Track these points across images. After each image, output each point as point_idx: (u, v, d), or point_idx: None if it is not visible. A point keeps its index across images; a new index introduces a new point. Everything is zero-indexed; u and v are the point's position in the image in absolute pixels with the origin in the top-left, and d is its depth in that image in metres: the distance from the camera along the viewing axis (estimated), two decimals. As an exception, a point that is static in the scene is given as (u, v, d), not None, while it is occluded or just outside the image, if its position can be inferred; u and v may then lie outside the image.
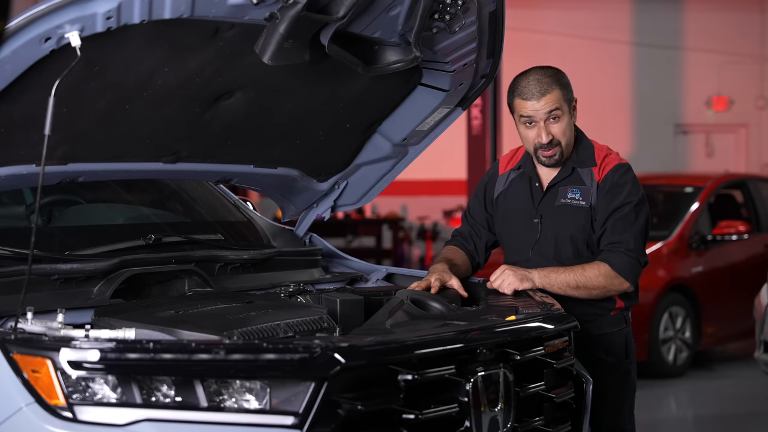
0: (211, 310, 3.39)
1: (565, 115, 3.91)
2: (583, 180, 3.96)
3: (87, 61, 3.05)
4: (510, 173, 4.14)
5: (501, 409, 3.23)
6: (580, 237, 3.94)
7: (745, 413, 8.22)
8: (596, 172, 3.96)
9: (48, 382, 2.83)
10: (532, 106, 3.88)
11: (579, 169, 3.98)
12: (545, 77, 3.89)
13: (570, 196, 3.96)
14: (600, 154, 4.00)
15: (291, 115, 3.91)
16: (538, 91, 3.86)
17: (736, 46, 17.72)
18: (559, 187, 4.00)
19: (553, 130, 3.91)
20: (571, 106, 3.93)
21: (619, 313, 4.03)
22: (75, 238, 3.90)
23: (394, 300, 3.62)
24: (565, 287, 3.83)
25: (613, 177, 3.93)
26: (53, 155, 3.46)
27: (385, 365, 3.01)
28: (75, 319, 3.33)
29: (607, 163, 3.96)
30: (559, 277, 3.84)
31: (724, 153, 18.14)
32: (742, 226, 9.94)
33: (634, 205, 3.90)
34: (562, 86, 3.90)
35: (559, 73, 3.94)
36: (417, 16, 3.44)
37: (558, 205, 3.98)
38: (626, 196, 3.90)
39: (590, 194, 3.94)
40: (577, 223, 3.94)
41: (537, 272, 3.85)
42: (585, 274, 3.84)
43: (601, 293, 3.88)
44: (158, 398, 2.86)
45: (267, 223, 4.67)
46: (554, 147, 3.92)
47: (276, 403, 2.88)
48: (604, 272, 3.84)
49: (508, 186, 4.13)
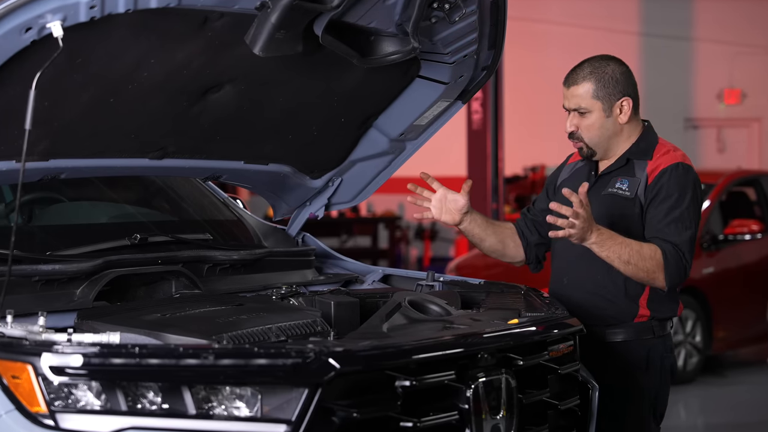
0: (200, 313, 3.36)
1: (596, 112, 3.92)
2: (635, 172, 3.96)
3: (69, 52, 3.03)
4: (577, 163, 4.17)
5: (503, 416, 3.20)
6: (619, 226, 3.88)
7: (758, 421, 8.19)
8: (650, 165, 3.93)
9: (29, 389, 2.80)
10: (564, 92, 3.97)
11: (634, 161, 3.98)
12: (585, 67, 3.94)
13: (617, 186, 3.96)
14: (661, 150, 3.97)
15: (283, 108, 3.91)
16: (570, 79, 3.95)
17: (748, 36, 17.69)
18: (610, 177, 4.00)
19: (578, 122, 3.95)
20: (610, 103, 3.91)
21: (645, 323, 3.94)
22: (57, 238, 3.87)
23: (391, 302, 3.59)
24: (616, 258, 3.77)
25: (669, 176, 3.88)
26: (34, 151, 3.43)
27: (381, 371, 2.98)
28: (57, 322, 3.29)
29: (663, 160, 3.92)
30: (615, 245, 3.77)
31: (737, 148, 18.13)
32: (755, 225, 9.86)
33: (687, 206, 3.84)
34: (598, 80, 3.90)
35: (606, 65, 3.93)
36: (415, 5, 3.42)
37: (604, 194, 3.98)
38: (678, 198, 3.84)
39: (638, 185, 3.92)
40: (617, 213, 3.92)
41: (596, 232, 3.75)
42: (641, 252, 3.78)
43: (646, 278, 3.82)
44: (144, 405, 2.83)
45: (258, 222, 4.65)
46: (577, 140, 3.98)
47: (267, 411, 2.85)
48: (658, 258, 3.79)
49: (570, 174, 4.17)
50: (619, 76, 3.91)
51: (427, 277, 4.07)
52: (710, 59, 17.67)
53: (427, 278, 4.06)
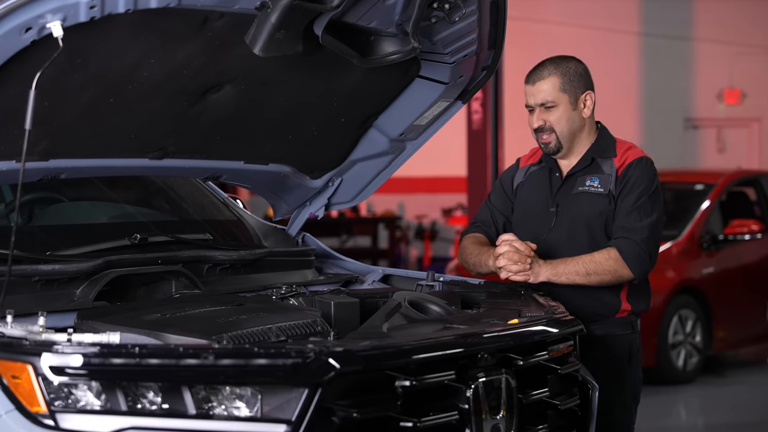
0: (200, 313, 3.35)
1: (563, 104, 3.98)
2: (603, 169, 4.02)
3: (69, 52, 3.03)
4: (530, 167, 4.20)
5: (503, 416, 3.20)
6: (597, 223, 3.97)
7: (759, 421, 8.16)
8: (616, 161, 4.01)
9: (29, 389, 2.79)
10: (528, 90, 4.01)
11: (599, 159, 4.04)
12: (548, 65, 4.00)
13: (588, 184, 4.02)
14: (622, 147, 4.07)
15: (283, 108, 3.90)
16: (534, 76, 3.99)
17: (749, 36, 17.62)
18: (578, 177, 4.05)
19: (546, 116, 3.99)
20: (576, 96, 4.00)
21: (625, 317, 4.03)
22: (57, 238, 3.86)
23: (391, 302, 3.58)
24: (575, 276, 3.86)
25: (636, 168, 3.97)
26: (34, 151, 3.42)
27: (381, 371, 2.97)
28: (57, 322, 3.28)
29: (629, 155, 4.02)
30: (567, 266, 3.86)
31: (737, 148, 18.06)
32: (755, 225, 9.83)
33: (649, 195, 3.94)
34: (563, 75, 3.98)
35: (568, 62, 4.03)
36: (415, 5, 3.42)
37: (575, 193, 4.03)
38: (644, 189, 3.95)
39: (609, 181, 3.99)
40: (593, 210, 3.98)
41: (545, 265, 3.86)
42: (594, 259, 3.87)
43: (613, 279, 3.89)
44: (144, 405, 2.82)
45: (258, 222, 4.64)
46: (548, 133, 4.00)
47: (267, 411, 2.84)
48: (614, 256, 3.87)
49: (526, 178, 4.18)
50: (581, 71, 4.02)
51: (427, 277, 4.06)
52: (710, 59, 17.62)
53: (427, 278, 4.05)
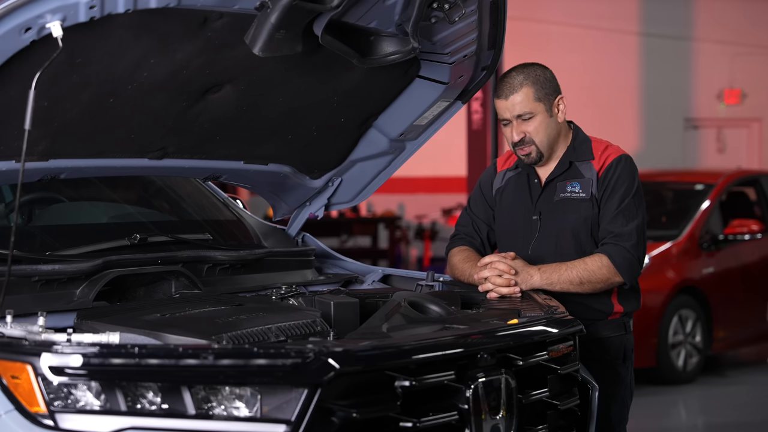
0: (199, 313, 3.35)
1: (540, 114, 3.93)
2: (582, 173, 3.98)
3: (69, 52, 3.03)
4: (506, 172, 4.16)
5: (503, 416, 3.18)
6: (582, 230, 3.94)
7: (759, 421, 8.13)
8: (595, 164, 3.97)
9: (28, 389, 2.79)
10: (501, 105, 3.95)
11: (577, 164, 4.00)
12: (516, 75, 3.93)
13: (569, 190, 3.97)
14: (599, 147, 4.02)
15: (283, 109, 3.89)
16: (506, 89, 3.93)
17: (749, 36, 17.60)
18: (557, 183, 4.01)
19: (525, 128, 3.94)
20: (550, 103, 3.95)
21: (618, 319, 4.02)
22: (56, 238, 3.86)
23: (391, 302, 3.57)
24: (568, 284, 3.84)
25: (616, 168, 3.93)
26: (34, 151, 3.43)
27: (381, 371, 2.96)
28: (56, 322, 3.28)
29: (607, 155, 3.98)
30: (561, 275, 3.83)
31: (737, 148, 18.04)
32: (755, 225, 9.80)
33: (632, 196, 3.91)
34: (534, 83, 3.92)
35: (535, 69, 3.96)
36: (415, 5, 3.41)
37: (557, 200, 3.99)
38: (627, 189, 3.91)
39: (591, 185, 3.95)
40: (578, 216, 3.95)
41: (537, 271, 3.84)
42: (588, 267, 3.84)
43: (605, 286, 3.88)
44: (144, 405, 2.82)
45: (257, 222, 4.64)
46: (528, 145, 3.95)
47: (267, 411, 2.84)
48: (606, 264, 3.85)
49: (505, 184, 4.15)
50: (549, 76, 3.97)
51: (427, 277, 4.05)
52: (710, 59, 17.60)
53: (427, 278, 4.04)
